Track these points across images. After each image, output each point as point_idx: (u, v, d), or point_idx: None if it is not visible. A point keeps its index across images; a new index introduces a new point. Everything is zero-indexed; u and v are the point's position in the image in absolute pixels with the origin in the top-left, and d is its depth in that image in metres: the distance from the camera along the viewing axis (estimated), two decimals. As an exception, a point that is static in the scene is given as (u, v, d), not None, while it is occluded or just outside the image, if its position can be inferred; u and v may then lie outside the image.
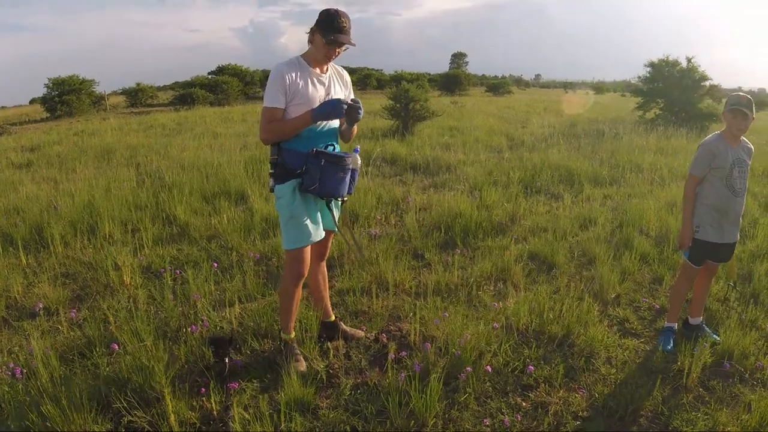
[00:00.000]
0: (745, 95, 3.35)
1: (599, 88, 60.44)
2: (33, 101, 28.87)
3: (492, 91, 43.16)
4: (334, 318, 3.59)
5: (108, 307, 4.03)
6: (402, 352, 3.33)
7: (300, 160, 2.98)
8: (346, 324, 3.68)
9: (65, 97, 25.13)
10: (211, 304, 4.00)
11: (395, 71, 45.08)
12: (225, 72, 33.65)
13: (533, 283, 4.45)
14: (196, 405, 2.92)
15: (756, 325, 3.87)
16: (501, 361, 3.29)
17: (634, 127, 13.97)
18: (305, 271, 3.14)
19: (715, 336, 3.67)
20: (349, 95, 3.27)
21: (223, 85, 29.73)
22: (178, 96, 28.08)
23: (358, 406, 2.93)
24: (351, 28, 2.97)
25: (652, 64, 17.00)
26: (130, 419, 2.78)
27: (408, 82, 14.89)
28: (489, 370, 3.16)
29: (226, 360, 3.01)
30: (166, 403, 2.77)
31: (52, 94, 25.44)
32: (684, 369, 3.27)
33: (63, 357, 3.38)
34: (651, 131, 12.94)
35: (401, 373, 3.04)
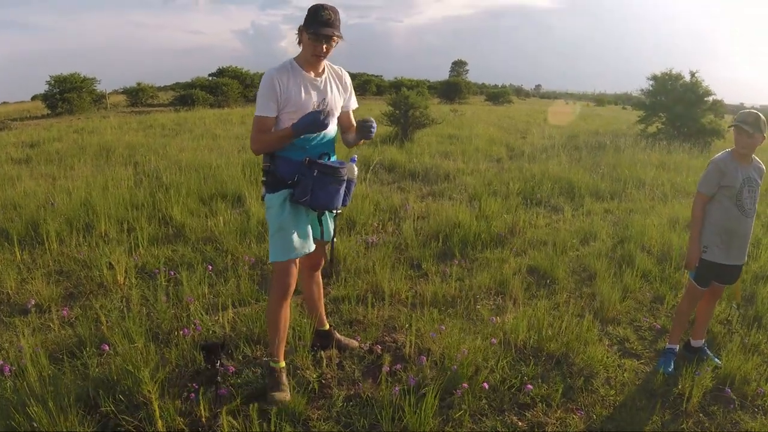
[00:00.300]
0: (755, 113, 3.24)
1: (600, 100, 60.46)
2: (34, 98, 28.90)
3: (492, 100, 43.05)
4: (328, 327, 3.51)
5: (100, 306, 3.98)
6: (397, 365, 3.26)
7: (293, 169, 2.86)
8: (340, 333, 3.60)
9: (66, 95, 25.23)
10: (204, 307, 3.92)
11: (395, 77, 45.07)
12: (225, 74, 33.62)
13: (532, 298, 4.39)
14: (185, 410, 2.85)
15: (758, 350, 3.78)
16: (498, 377, 3.21)
17: (636, 140, 13.90)
18: (292, 284, 2.98)
19: (716, 360, 3.59)
20: (349, 99, 3.18)
21: (223, 87, 29.69)
22: (178, 97, 28.09)
23: (350, 419, 2.86)
24: (339, 22, 2.80)
25: (655, 78, 16.83)
26: (118, 423, 2.72)
27: (408, 88, 14.86)
28: (486, 387, 3.08)
29: (217, 366, 2.95)
30: (154, 408, 2.70)
31: (54, 91, 25.56)
32: (684, 393, 3.21)
33: (53, 356, 3.32)
34: (653, 146, 12.87)
35: (395, 386, 2.96)
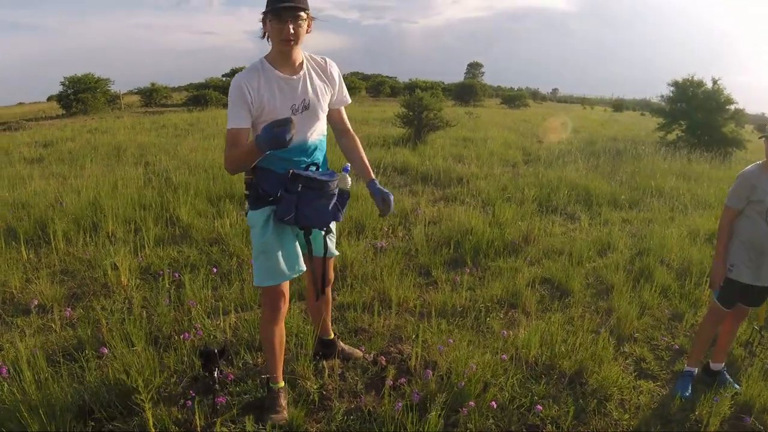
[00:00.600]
0: None
1: (618, 105, 59.79)
2: (50, 98, 29.20)
3: (507, 103, 42.37)
4: (332, 336, 3.32)
5: (103, 307, 3.92)
6: (401, 378, 3.12)
7: (276, 183, 2.53)
8: (344, 342, 3.46)
9: (80, 95, 25.51)
10: (206, 311, 3.84)
11: (409, 79, 44.80)
12: (238, 74, 33.72)
13: (546, 311, 4.22)
14: (180, 419, 2.76)
15: (780, 377, 3.57)
16: (507, 396, 3.06)
17: (656, 148, 13.64)
18: (282, 306, 2.72)
19: (736, 386, 3.39)
20: (338, 94, 2.75)
21: (236, 87, 29.76)
22: (191, 97, 28.16)
23: (350, 434, 2.73)
24: None
25: (676, 84, 16.56)
26: (111, 429, 2.65)
27: (422, 90, 14.72)
28: (494, 405, 2.91)
29: (215, 374, 2.84)
30: (147, 416, 2.60)
31: (68, 92, 25.85)
32: (702, 420, 3.05)
33: (52, 357, 3.25)
34: (673, 154, 12.63)
35: (398, 401, 2.83)
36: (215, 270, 4.48)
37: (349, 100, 2.84)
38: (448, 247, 5.26)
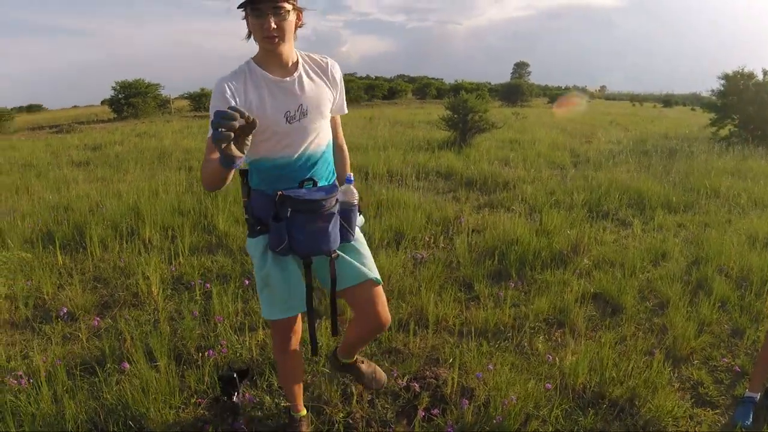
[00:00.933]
0: None
1: (667, 100, 58.04)
2: (103, 102, 30.17)
3: (555, 102, 41.97)
4: (354, 360, 2.74)
5: (131, 318, 3.83)
6: (434, 409, 2.85)
7: (267, 207, 2.18)
8: (377, 363, 3.15)
9: (131, 100, 26.28)
10: (233, 326, 3.67)
11: (455, 81, 44.69)
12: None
13: (596, 330, 3.89)
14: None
15: None
16: (550, 430, 2.78)
17: (709, 145, 12.96)
18: (293, 338, 2.43)
19: None
20: (338, 97, 2.36)
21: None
22: (240, 101, 28.70)
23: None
24: None
25: (726, 77, 15.72)
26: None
27: (468, 91, 14.40)
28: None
29: (234, 399, 2.67)
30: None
31: (119, 96, 26.65)
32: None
33: (72, 371, 3.16)
34: (726, 150, 11.97)
35: (431, 434, 2.58)
36: (247, 282, 4.32)
37: (346, 110, 2.45)
38: (491, 258, 4.94)
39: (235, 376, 2.66)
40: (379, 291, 2.34)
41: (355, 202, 2.28)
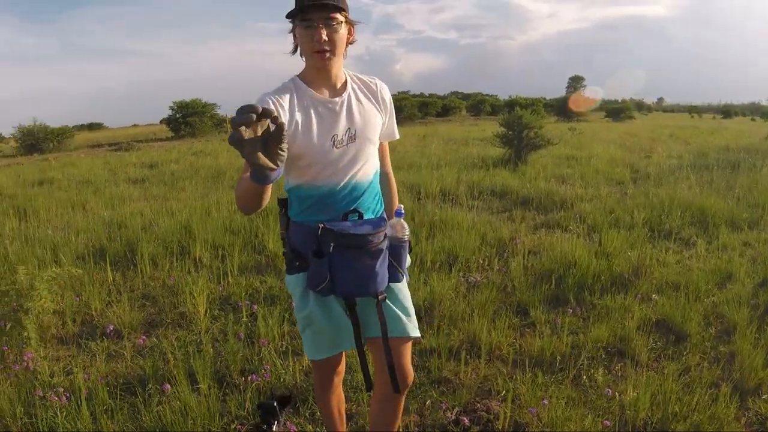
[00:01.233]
0: None
1: (727, 111, 56.16)
2: (162, 121, 31.20)
3: (612, 116, 41.29)
4: None
5: (176, 337, 3.81)
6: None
7: (307, 241, 1.95)
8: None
9: (189, 119, 27.03)
10: (278, 350, 3.57)
11: (509, 96, 44.43)
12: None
13: (658, 359, 3.62)
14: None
15: None
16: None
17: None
18: (335, 379, 2.28)
19: None
20: (388, 125, 2.14)
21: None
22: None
23: None
24: None
25: (787, 84, 15.06)
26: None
27: (522, 107, 14.11)
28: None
29: (274, 428, 2.55)
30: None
31: (176, 115, 27.50)
32: None
33: (115, 389, 3.15)
34: (790, 162, 11.31)
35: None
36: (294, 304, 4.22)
37: (397, 135, 2.22)
38: (548, 281, 4.71)
39: (275, 404, 2.54)
40: (410, 346, 2.15)
41: (406, 238, 2.03)
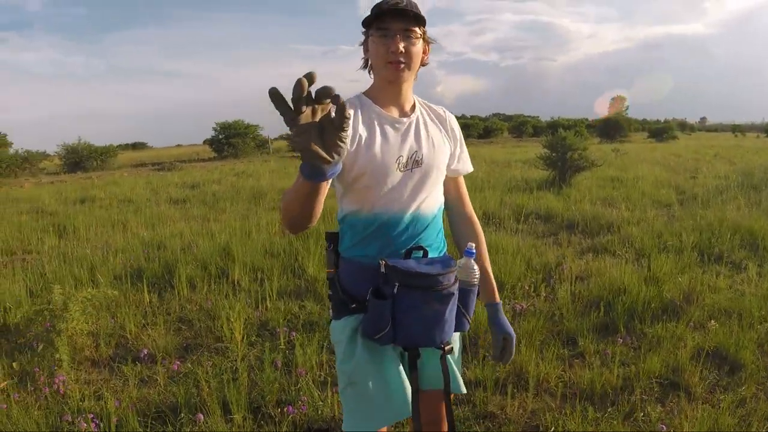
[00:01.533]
0: None
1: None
2: (205, 141, 31.81)
3: (655, 136, 40.89)
4: None
5: (212, 363, 3.71)
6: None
7: (363, 280, 1.68)
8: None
9: (231, 140, 27.46)
10: (316, 380, 3.45)
11: (551, 117, 44.38)
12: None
13: (713, 390, 3.40)
14: None
15: None
16: None
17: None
18: None
19: None
20: (459, 156, 1.93)
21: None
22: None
23: None
24: (417, 9, 1.68)
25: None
26: None
27: (565, 128, 13.91)
28: None
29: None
30: None
31: (219, 136, 27.96)
32: None
33: (145, 418, 3.07)
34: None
35: None
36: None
37: (471, 168, 1.98)
38: (597, 309, 4.51)
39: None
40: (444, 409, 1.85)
41: (476, 282, 1.73)
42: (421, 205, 1.76)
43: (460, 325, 1.73)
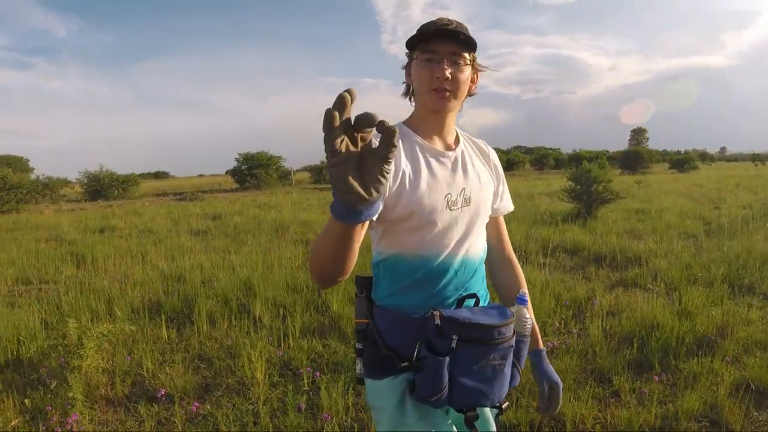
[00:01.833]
0: None
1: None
2: (227, 172, 32.02)
3: (676, 167, 41.17)
4: None
5: (232, 405, 3.57)
6: None
7: (409, 334, 1.50)
8: None
9: (254, 171, 27.60)
10: (342, 425, 3.30)
11: (573, 150, 44.50)
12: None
13: (751, 425, 3.25)
14: None
15: None
16: None
17: None
18: None
19: None
20: (502, 195, 1.80)
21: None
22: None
23: None
24: (467, 32, 1.53)
25: None
26: None
27: (587, 160, 13.81)
28: None
29: None
30: None
31: (242, 167, 28.10)
32: None
33: None
34: None
35: None
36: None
37: (512, 207, 1.86)
38: (630, 345, 4.34)
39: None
40: None
41: (528, 332, 1.58)
42: (471, 247, 1.60)
43: (514, 379, 1.55)
